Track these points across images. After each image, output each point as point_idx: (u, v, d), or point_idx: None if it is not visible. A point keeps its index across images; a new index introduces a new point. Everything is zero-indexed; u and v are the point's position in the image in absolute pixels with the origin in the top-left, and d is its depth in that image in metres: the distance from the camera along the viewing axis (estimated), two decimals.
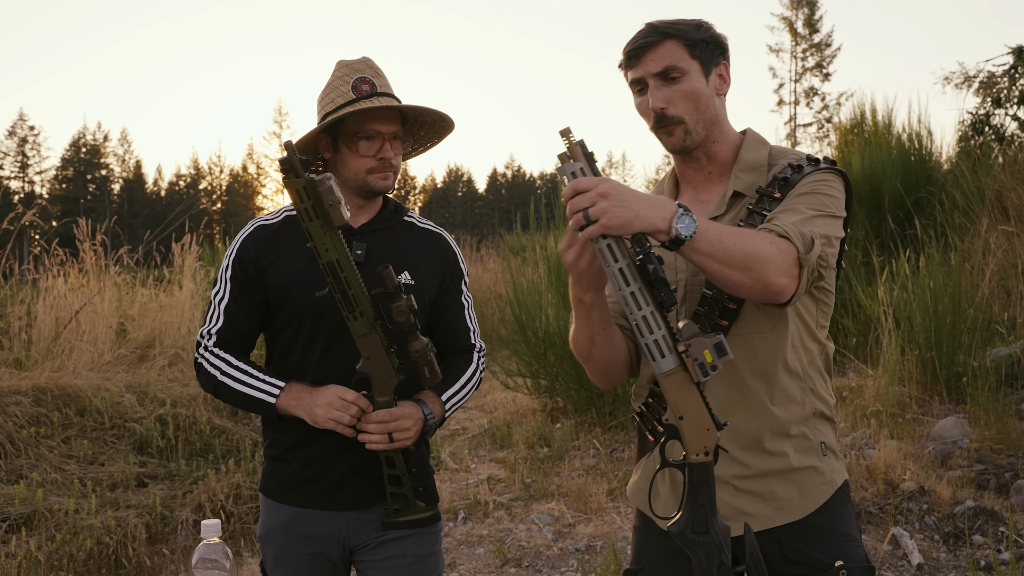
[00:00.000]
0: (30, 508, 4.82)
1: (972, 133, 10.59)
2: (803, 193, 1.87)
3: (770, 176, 1.95)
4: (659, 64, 1.91)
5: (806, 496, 1.93)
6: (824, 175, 1.92)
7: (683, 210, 1.61)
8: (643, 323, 1.63)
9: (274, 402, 2.26)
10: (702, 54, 1.93)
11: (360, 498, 2.35)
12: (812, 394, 1.97)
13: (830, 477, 1.97)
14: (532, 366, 7.89)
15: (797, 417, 1.94)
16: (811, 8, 52.72)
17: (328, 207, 2.04)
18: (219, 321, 2.36)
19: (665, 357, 1.64)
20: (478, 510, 5.53)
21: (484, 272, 14.82)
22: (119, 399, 6.29)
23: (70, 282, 8.30)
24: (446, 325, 2.49)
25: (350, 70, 2.34)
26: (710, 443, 1.68)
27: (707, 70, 1.94)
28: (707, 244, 1.63)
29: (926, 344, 6.79)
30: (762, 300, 1.75)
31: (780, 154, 2.00)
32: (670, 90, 1.92)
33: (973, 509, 4.72)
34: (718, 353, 1.63)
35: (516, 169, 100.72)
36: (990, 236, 8.59)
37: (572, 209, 1.60)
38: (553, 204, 8.81)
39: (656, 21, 1.96)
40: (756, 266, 1.66)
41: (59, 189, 75.90)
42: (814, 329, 1.98)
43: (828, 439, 2.00)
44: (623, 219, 1.57)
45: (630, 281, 1.62)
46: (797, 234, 1.73)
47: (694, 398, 1.67)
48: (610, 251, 1.61)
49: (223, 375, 2.31)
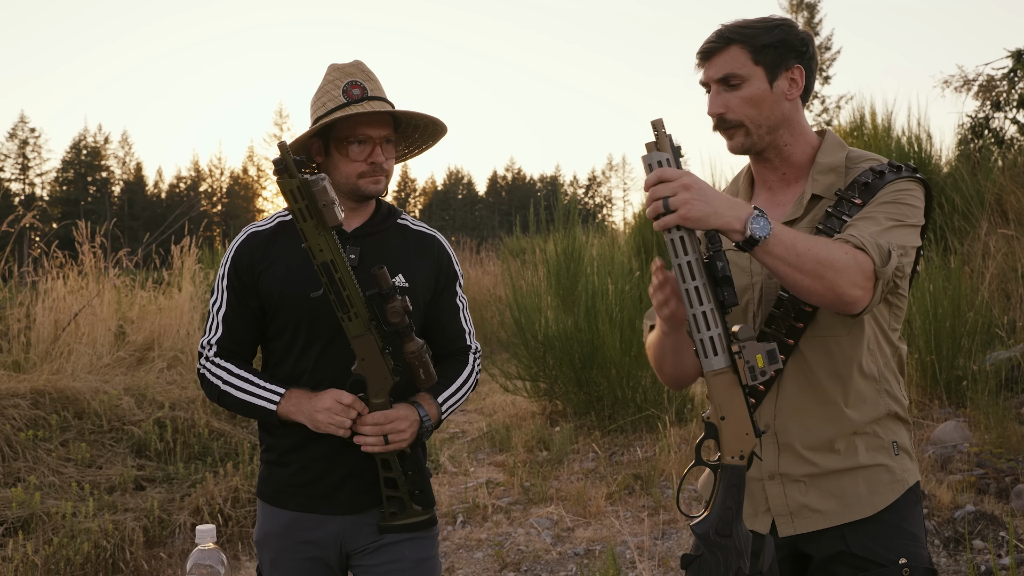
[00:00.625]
0: (27, 511, 4.81)
1: (971, 136, 10.58)
2: (885, 202, 1.88)
3: (850, 179, 1.96)
4: (720, 70, 1.94)
5: (875, 493, 1.94)
6: (907, 184, 1.92)
7: (758, 212, 1.64)
8: (701, 319, 1.65)
9: (275, 408, 2.26)
10: (768, 59, 1.93)
11: (357, 501, 2.34)
12: (887, 395, 1.98)
13: (901, 476, 1.97)
14: (531, 369, 7.88)
15: (870, 418, 1.95)
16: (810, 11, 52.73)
17: (322, 208, 2.04)
18: (218, 331, 2.37)
19: (718, 355, 1.66)
20: (477, 514, 5.52)
21: (484, 275, 14.83)
22: (117, 402, 6.29)
23: (69, 284, 8.29)
24: (441, 327, 2.49)
25: (341, 74, 2.34)
26: (747, 448, 1.70)
27: (773, 75, 1.94)
28: (780, 247, 1.65)
29: (926, 347, 6.78)
30: (834, 309, 1.77)
31: (859, 157, 2.00)
32: (729, 95, 1.94)
33: (973, 513, 4.71)
34: (770, 360, 1.65)
35: (516, 171, 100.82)
36: (990, 239, 8.59)
37: (654, 196, 1.62)
38: (553, 207, 8.80)
39: (727, 24, 1.97)
40: (828, 274, 1.67)
41: (59, 191, 75.95)
42: (888, 332, 1.99)
43: (901, 439, 2.01)
44: (702, 213, 1.60)
45: (696, 275, 1.63)
46: (874, 246, 1.74)
47: (739, 400, 1.69)
48: (681, 243, 1.63)
49: (225, 384, 2.32)
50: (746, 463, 1.70)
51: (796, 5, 52.73)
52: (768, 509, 1.97)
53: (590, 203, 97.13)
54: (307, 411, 2.22)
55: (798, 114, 2.01)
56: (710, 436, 1.71)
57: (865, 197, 1.90)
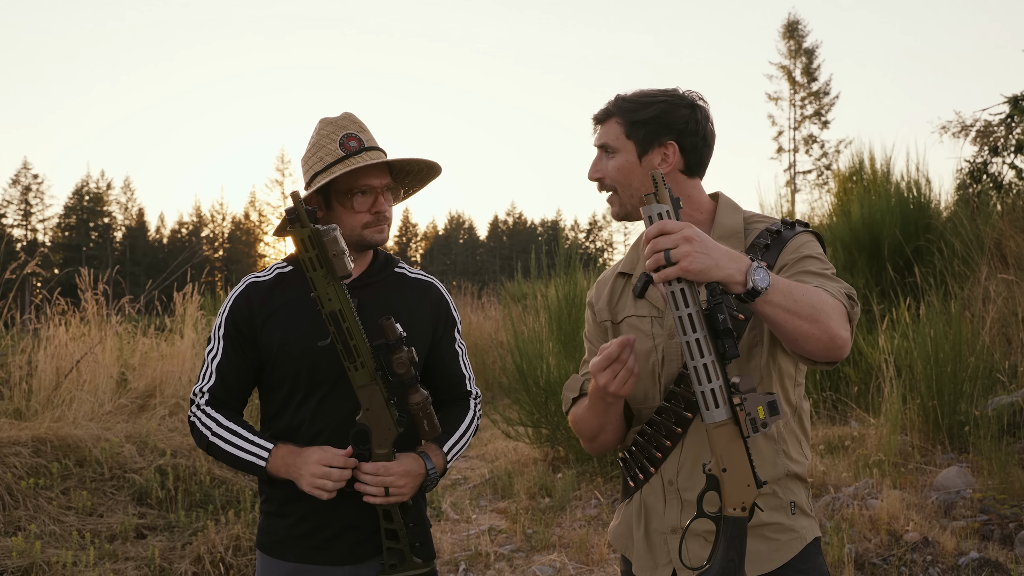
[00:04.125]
0: (28, 561, 4.78)
1: (970, 181, 10.65)
2: (805, 256, 1.95)
3: (748, 242, 2.03)
4: (600, 139, 2.10)
5: (776, 550, 1.97)
6: (807, 236, 2.01)
7: (757, 263, 1.66)
8: (702, 371, 1.65)
9: (264, 465, 2.27)
10: (640, 134, 2.04)
11: (356, 552, 2.34)
12: (784, 456, 2.01)
13: (801, 533, 2.01)
14: (533, 415, 7.86)
15: (769, 477, 1.97)
16: (809, 57, 53.32)
17: (332, 257, 2.07)
18: (211, 379, 2.37)
19: (719, 408, 1.66)
20: (479, 561, 5.49)
21: (485, 320, 14.83)
22: (119, 449, 6.27)
23: (71, 331, 8.30)
24: (441, 373, 2.51)
25: (335, 127, 2.37)
26: (748, 499, 1.71)
27: (643, 149, 2.04)
28: (779, 296, 1.67)
29: (928, 392, 6.77)
30: (825, 354, 1.77)
31: (753, 218, 2.09)
32: (606, 163, 2.08)
33: (978, 560, 4.68)
34: (771, 412, 1.66)
35: (517, 216, 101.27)
36: (990, 284, 8.60)
37: (654, 248, 1.62)
38: (554, 252, 8.84)
39: (617, 96, 2.10)
40: (822, 318, 1.71)
41: (62, 237, 76.27)
42: (791, 391, 2.04)
43: (799, 498, 2.04)
44: (704, 265, 1.61)
45: (697, 327, 1.64)
46: (836, 291, 1.80)
47: (740, 452, 1.69)
48: (682, 295, 1.63)
49: (214, 435, 2.32)
50: (748, 514, 1.71)
51: (794, 52, 53.32)
52: (669, 562, 2.01)
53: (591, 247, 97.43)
54: (293, 471, 2.23)
55: (687, 186, 2.09)
56: (711, 488, 1.72)
57: (769, 259, 1.97)
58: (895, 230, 9.71)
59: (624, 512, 2.17)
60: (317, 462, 2.20)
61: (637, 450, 2.07)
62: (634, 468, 2.08)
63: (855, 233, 10.04)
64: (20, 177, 74.89)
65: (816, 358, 1.81)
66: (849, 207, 10.64)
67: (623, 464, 2.13)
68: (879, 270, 9.65)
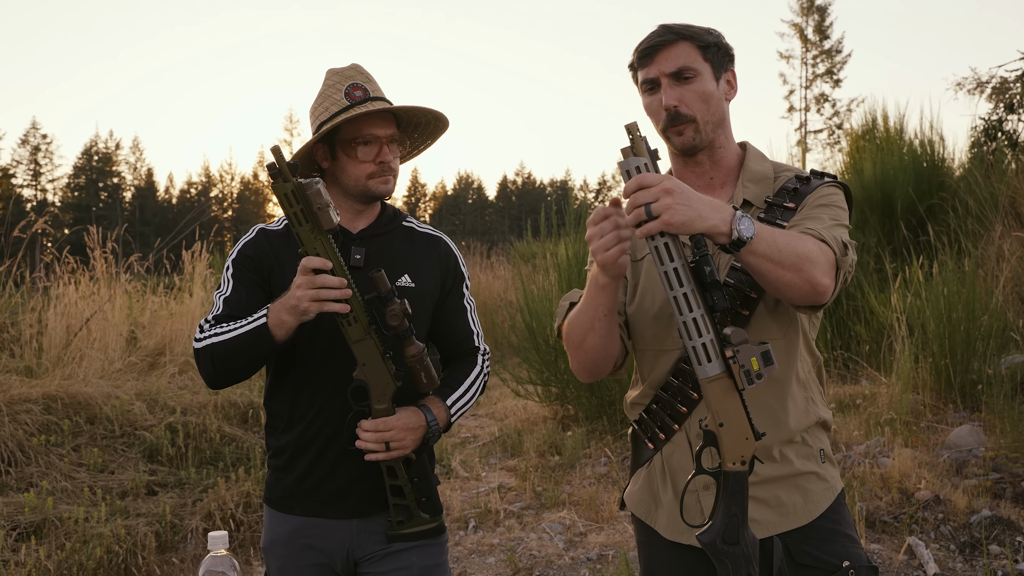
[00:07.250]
0: (40, 516, 4.81)
1: (985, 139, 10.53)
2: (820, 204, 1.91)
3: (777, 187, 1.98)
4: (673, 64, 1.92)
5: (810, 501, 1.95)
6: (833, 188, 1.96)
7: (740, 212, 1.61)
8: (692, 325, 1.61)
9: (265, 321, 2.13)
10: (714, 58, 1.95)
11: (364, 506, 2.32)
12: (813, 403, 2.00)
13: (832, 483, 1.99)
14: (543, 373, 7.86)
15: (803, 426, 1.95)
16: (821, 15, 52.70)
17: (317, 210, 2.01)
18: (219, 310, 2.29)
19: (712, 362, 1.62)
20: (489, 519, 5.50)
21: (494, 279, 14.81)
22: (129, 407, 6.29)
23: (81, 290, 8.31)
24: (449, 328, 2.47)
25: (341, 78, 2.33)
26: (747, 453, 1.68)
27: (718, 74, 1.96)
28: (764, 245, 1.63)
29: (940, 351, 6.74)
30: (806, 301, 1.75)
31: (782, 168, 2.04)
32: (683, 89, 1.93)
33: (989, 518, 4.68)
34: (765, 362, 1.62)
35: (526, 176, 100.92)
36: (1004, 242, 8.54)
37: (634, 203, 1.56)
38: (564, 211, 8.78)
39: (669, 23, 1.97)
40: (805, 266, 1.68)
41: (71, 197, 76.32)
42: (810, 340, 2.02)
43: (826, 447, 2.03)
44: (685, 217, 1.55)
45: (684, 282, 1.59)
46: (832, 238, 1.76)
47: (736, 406, 1.66)
48: (666, 249, 1.58)
49: (215, 338, 2.21)
50: (748, 468, 1.68)
51: (807, 8, 52.71)
52: None
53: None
54: (289, 307, 2.08)
55: (729, 119, 2.03)
56: (709, 443, 1.68)
57: (796, 201, 1.92)
58: (908, 188, 9.61)
59: (645, 476, 2.11)
60: (299, 271, 2.06)
61: (658, 407, 2.01)
62: (653, 428, 2.03)
63: (868, 191, 9.95)
64: (29, 137, 74.82)
65: (796, 303, 1.78)
66: (862, 165, 10.54)
67: (639, 426, 2.08)
68: (892, 228, 9.58)
